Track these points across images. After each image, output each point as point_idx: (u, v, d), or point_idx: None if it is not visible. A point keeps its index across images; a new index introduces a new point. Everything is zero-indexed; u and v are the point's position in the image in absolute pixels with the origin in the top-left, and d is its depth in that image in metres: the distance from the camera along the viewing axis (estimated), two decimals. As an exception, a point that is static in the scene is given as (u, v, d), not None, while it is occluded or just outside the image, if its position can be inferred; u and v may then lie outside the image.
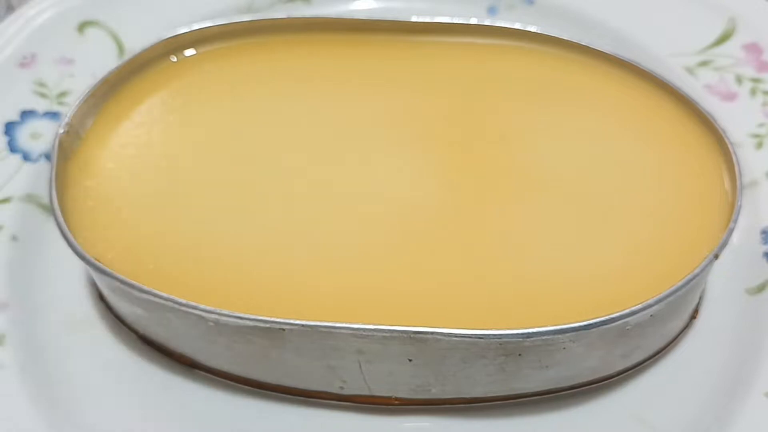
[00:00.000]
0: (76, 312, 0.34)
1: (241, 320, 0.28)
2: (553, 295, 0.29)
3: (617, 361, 0.31)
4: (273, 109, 0.36)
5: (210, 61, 0.38)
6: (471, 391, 0.30)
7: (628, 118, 0.35)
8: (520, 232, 0.31)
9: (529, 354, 0.28)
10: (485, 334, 0.27)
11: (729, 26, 0.42)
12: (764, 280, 0.34)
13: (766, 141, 0.38)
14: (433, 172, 0.34)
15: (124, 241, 0.31)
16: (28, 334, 0.33)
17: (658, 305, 0.28)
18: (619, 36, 0.42)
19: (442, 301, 0.29)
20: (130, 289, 0.29)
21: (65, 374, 0.32)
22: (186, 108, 0.36)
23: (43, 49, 0.41)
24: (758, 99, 0.39)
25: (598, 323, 0.28)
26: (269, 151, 0.34)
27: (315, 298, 0.30)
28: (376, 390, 0.30)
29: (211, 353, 0.31)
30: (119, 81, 0.36)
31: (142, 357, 0.32)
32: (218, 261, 0.31)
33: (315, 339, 0.29)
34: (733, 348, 0.32)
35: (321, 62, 0.38)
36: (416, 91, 0.36)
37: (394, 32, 0.38)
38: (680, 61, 0.41)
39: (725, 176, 0.32)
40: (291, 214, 0.32)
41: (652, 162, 0.34)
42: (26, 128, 0.39)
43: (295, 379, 0.31)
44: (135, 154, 0.34)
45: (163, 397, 0.31)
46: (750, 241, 0.35)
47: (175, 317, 0.30)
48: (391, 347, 0.28)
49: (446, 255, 0.31)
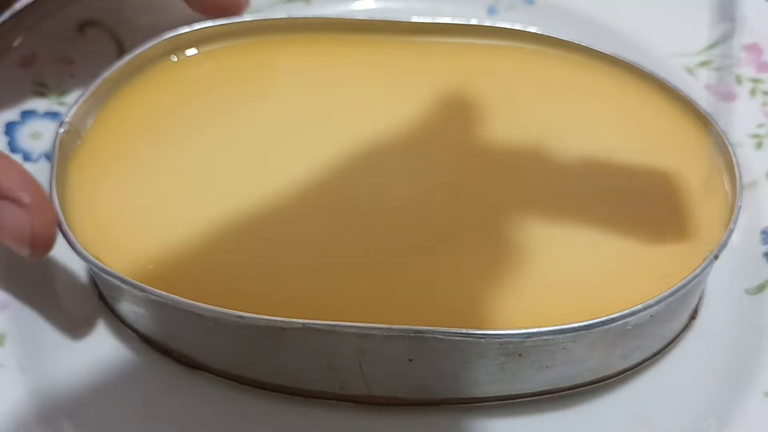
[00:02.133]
0: (77, 311, 0.34)
1: (241, 319, 0.28)
2: (554, 296, 0.30)
3: (617, 361, 0.31)
4: (273, 109, 0.36)
5: (211, 60, 0.38)
6: (470, 391, 0.30)
7: (629, 119, 0.35)
8: (521, 234, 0.31)
9: (530, 354, 0.29)
10: (486, 334, 0.28)
11: (729, 27, 0.42)
12: (764, 280, 0.34)
13: (765, 141, 0.38)
14: (433, 173, 0.34)
15: (125, 241, 0.31)
16: (28, 334, 0.33)
17: (659, 305, 0.28)
18: (620, 36, 0.42)
19: (443, 301, 0.30)
20: (131, 288, 0.29)
21: (65, 374, 0.32)
22: (186, 108, 0.36)
23: (43, 49, 0.41)
24: (758, 99, 0.39)
25: (598, 323, 0.28)
26: (270, 151, 0.34)
27: (316, 298, 0.30)
28: (376, 390, 0.30)
29: (211, 353, 0.31)
30: (119, 80, 0.36)
31: (142, 357, 0.32)
32: (219, 260, 0.31)
33: (315, 338, 0.29)
34: (732, 348, 0.32)
35: (321, 62, 0.38)
36: (417, 92, 0.36)
37: (394, 33, 0.38)
38: (680, 61, 0.41)
39: (725, 177, 0.33)
40: (292, 214, 0.32)
41: (652, 163, 0.34)
42: (26, 128, 0.39)
43: (295, 378, 0.31)
44: (135, 154, 0.34)
45: (164, 397, 0.31)
46: (750, 241, 0.35)
47: (175, 317, 0.30)
48: (391, 347, 0.28)
49: (446, 256, 0.31)
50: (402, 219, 0.32)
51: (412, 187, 0.33)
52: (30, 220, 0.30)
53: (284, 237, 0.32)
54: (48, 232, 0.30)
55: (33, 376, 0.32)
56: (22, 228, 0.30)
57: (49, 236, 0.30)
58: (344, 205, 0.32)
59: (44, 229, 0.30)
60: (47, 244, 0.30)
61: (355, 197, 0.33)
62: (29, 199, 0.30)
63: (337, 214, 0.32)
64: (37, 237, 0.30)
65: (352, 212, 0.32)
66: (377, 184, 0.33)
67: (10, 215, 0.30)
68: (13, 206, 0.30)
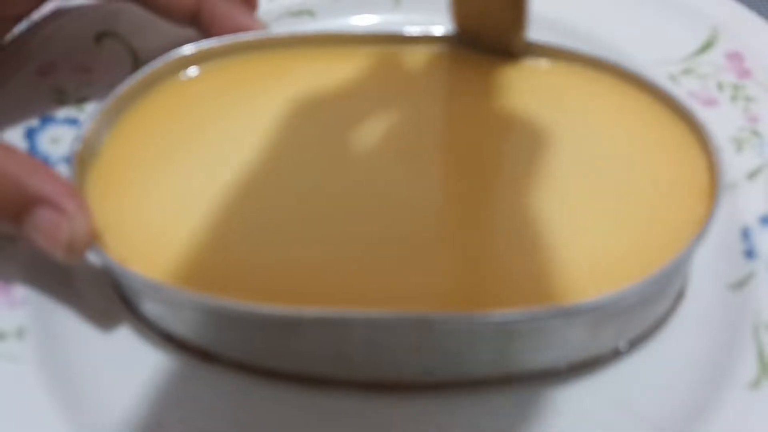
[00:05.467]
0: (97, 306, 0.34)
1: (256, 312, 0.29)
2: (548, 280, 0.31)
3: (609, 341, 0.32)
4: (281, 120, 0.37)
5: (220, 76, 0.39)
6: (472, 373, 0.32)
7: (613, 117, 0.36)
8: (512, 223, 0.33)
9: (526, 336, 0.30)
10: (486, 316, 0.29)
11: (712, 35, 0.43)
12: (744, 276, 0.35)
13: (745, 144, 0.39)
14: (435, 173, 0.35)
15: (144, 246, 0.32)
16: (48, 329, 0.33)
17: (648, 286, 0.30)
18: (605, 45, 0.42)
19: (445, 287, 0.31)
20: (154, 290, 0.31)
21: (85, 369, 0.32)
22: (196, 123, 0.37)
23: (62, 58, 0.42)
24: (739, 104, 0.40)
25: (591, 304, 0.29)
26: (279, 160, 0.35)
27: (326, 290, 0.31)
28: (383, 375, 0.32)
29: (228, 346, 0.32)
30: (131, 97, 0.37)
31: (161, 352, 0.33)
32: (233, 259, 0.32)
33: (325, 328, 0.30)
34: (714, 341, 0.33)
35: (328, 75, 0.39)
36: (418, 102, 0.38)
37: (392, 44, 0.39)
38: (664, 69, 0.42)
39: (707, 169, 0.34)
40: (302, 214, 0.33)
41: (637, 159, 0.35)
42: (46, 134, 0.40)
43: (305, 366, 0.32)
44: (150, 165, 0.35)
45: (182, 391, 0.32)
46: (731, 239, 0.36)
47: (196, 313, 0.31)
48: (398, 333, 0.30)
49: (446, 244, 0.32)
50: (406, 215, 0.33)
51: (416, 187, 0.34)
52: (69, 227, 0.31)
53: (294, 235, 0.33)
54: (85, 239, 0.31)
55: (52, 371, 0.32)
56: (60, 234, 0.31)
57: (86, 243, 0.32)
58: (351, 206, 0.34)
59: (80, 236, 0.31)
60: (83, 251, 0.32)
61: (363, 198, 0.34)
62: (70, 206, 0.31)
63: (343, 214, 0.33)
64: (75, 244, 0.31)
65: (358, 212, 0.33)
66: (384, 186, 0.34)
67: (49, 221, 0.31)
68: (53, 212, 0.31)
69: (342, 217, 0.33)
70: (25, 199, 0.31)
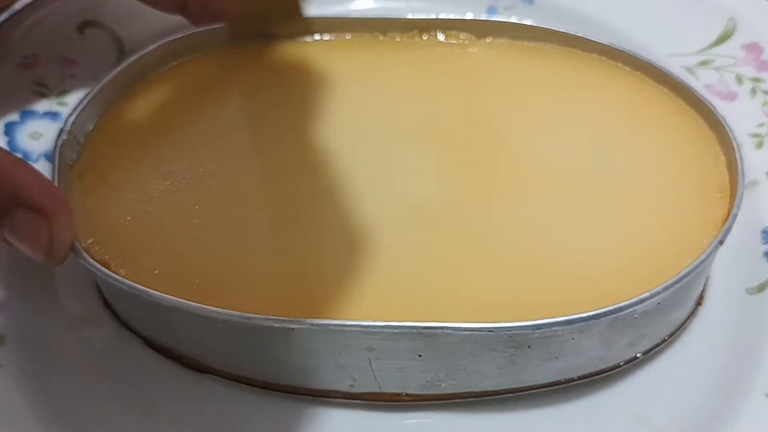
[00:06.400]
0: (77, 312, 0.34)
1: (249, 321, 0.28)
2: (561, 287, 0.30)
3: (624, 350, 0.31)
4: (274, 110, 0.36)
5: (210, 65, 0.38)
6: (480, 384, 0.30)
7: (629, 111, 0.36)
8: (526, 226, 0.32)
9: (539, 345, 0.29)
10: (495, 327, 0.28)
11: (729, 26, 0.42)
12: (764, 279, 0.34)
13: (766, 140, 0.38)
14: (438, 170, 0.34)
15: (128, 247, 0.31)
16: (28, 335, 0.33)
17: (666, 292, 0.29)
18: (619, 36, 0.41)
19: (451, 295, 0.30)
20: (138, 293, 0.29)
21: (65, 375, 0.32)
22: (185, 112, 0.36)
23: (44, 50, 0.41)
24: (758, 99, 0.39)
25: (606, 313, 0.28)
26: (273, 153, 0.35)
27: (323, 298, 0.30)
28: (386, 387, 0.30)
29: (219, 356, 0.31)
30: (118, 86, 0.36)
31: (147, 361, 0.32)
32: (224, 263, 0.31)
33: (324, 338, 0.29)
34: (733, 347, 0.32)
35: (322, 62, 0.38)
36: (418, 90, 0.37)
37: (392, 31, 0.39)
38: (680, 61, 0.41)
39: (726, 166, 0.33)
40: (297, 213, 0.32)
41: (654, 155, 0.34)
42: (26, 128, 0.38)
43: (305, 378, 0.31)
44: (135, 159, 0.34)
45: (169, 402, 0.31)
46: (750, 240, 0.35)
47: (183, 321, 0.30)
48: (400, 343, 0.28)
49: (453, 250, 0.31)
50: (408, 215, 0.32)
51: (419, 184, 0.33)
52: (48, 229, 0.29)
53: (291, 238, 0.32)
54: (65, 241, 0.30)
55: (32, 377, 0.32)
56: (40, 236, 0.29)
57: (66, 245, 0.30)
58: (351, 204, 0.32)
59: (62, 238, 0.30)
60: (64, 253, 0.30)
61: (362, 196, 0.33)
62: (49, 207, 0.30)
63: (343, 214, 0.32)
64: (54, 246, 0.30)
65: (359, 211, 0.32)
66: (383, 183, 0.33)
67: (28, 223, 0.29)
68: (32, 214, 0.29)
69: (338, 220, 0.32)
70: (3, 199, 0.30)
